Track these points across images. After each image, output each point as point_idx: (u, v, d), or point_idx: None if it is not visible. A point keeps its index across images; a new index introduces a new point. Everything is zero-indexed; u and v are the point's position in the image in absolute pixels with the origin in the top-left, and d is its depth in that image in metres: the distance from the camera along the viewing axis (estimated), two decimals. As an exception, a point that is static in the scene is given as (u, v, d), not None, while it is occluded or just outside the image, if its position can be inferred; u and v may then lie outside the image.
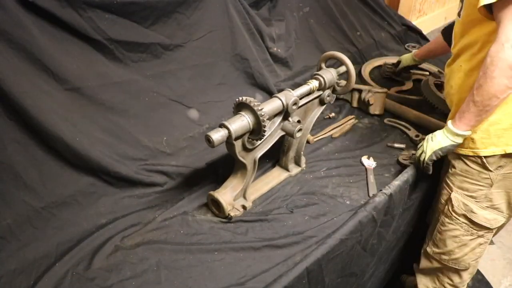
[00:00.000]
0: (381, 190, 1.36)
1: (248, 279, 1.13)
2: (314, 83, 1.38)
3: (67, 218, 1.31)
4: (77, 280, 1.14)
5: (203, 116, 1.67)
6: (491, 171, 1.25)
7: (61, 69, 1.33)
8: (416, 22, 3.07)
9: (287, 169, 1.52)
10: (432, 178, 1.47)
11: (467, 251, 1.37)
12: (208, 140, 1.15)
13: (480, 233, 1.34)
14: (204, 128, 1.66)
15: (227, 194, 1.33)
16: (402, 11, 2.92)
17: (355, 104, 1.90)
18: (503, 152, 1.21)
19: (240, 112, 1.21)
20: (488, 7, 1.06)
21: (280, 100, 1.27)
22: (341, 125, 1.76)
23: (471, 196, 1.31)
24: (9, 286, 1.13)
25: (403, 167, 1.52)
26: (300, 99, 1.33)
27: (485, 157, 1.24)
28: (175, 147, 1.56)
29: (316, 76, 1.39)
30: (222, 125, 1.18)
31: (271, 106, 1.26)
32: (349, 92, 1.92)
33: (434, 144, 1.28)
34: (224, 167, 1.51)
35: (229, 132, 1.17)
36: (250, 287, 1.11)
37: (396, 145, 1.64)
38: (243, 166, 1.32)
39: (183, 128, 1.61)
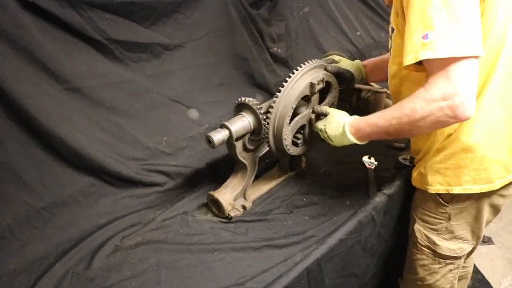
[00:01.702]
0: (381, 190, 1.36)
1: (248, 279, 1.13)
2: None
3: (67, 218, 1.31)
4: (77, 280, 1.14)
5: (203, 116, 1.67)
6: (447, 206, 1.21)
7: (61, 69, 1.33)
8: (416, 22, 3.07)
9: (287, 169, 1.52)
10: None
11: (438, 278, 1.35)
12: (209, 140, 1.15)
13: (448, 261, 1.31)
14: (204, 128, 1.66)
15: (227, 194, 1.33)
16: (402, 11, 2.91)
17: (355, 104, 1.90)
18: (446, 192, 1.18)
19: (241, 113, 1.21)
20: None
21: None
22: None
23: (432, 229, 1.27)
24: (9, 286, 1.13)
25: (403, 167, 1.51)
26: None
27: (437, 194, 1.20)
28: (175, 147, 1.57)
29: None
30: (223, 126, 1.18)
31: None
32: (349, 92, 1.92)
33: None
34: (224, 167, 1.51)
35: (230, 132, 1.17)
36: (250, 287, 1.11)
37: (396, 145, 1.64)
38: (243, 167, 1.32)
39: (183, 128, 1.62)
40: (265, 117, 1.22)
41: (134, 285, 1.13)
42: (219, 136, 1.16)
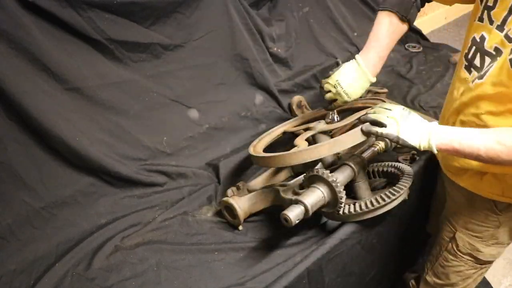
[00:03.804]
0: (381, 190, 1.35)
1: (248, 279, 1.13)
2: (380, 145, 1.28)
3: (67, 218, 1.31)
4: (77, 280, 1.14)
5: (203, 116, 1.67)
6: (500, 214, 1.17)
7: (61, 69, 1.33)
8: (416, 22, 3.06)
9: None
10: (432, 181, 1.47)
11: (470, 282, 1.35)
12: (285, 219, 1.07)
13: (483, 266, 1.31)
14: (204, 128, 1.66)
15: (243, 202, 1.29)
16: (402, 11, 2.91)
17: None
18: (508, 201, 1.13)
19: (314, 185, 1.13)
20: None
21: (352, 168, 1.19)
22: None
23: (477, 236, 1.24)
24: (9, 286, 1.13)
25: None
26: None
27: (496, 201, 1.15)
28: (175, 147, 1.56)
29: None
30: (298, 201, 1.09)
31: (343, 175, 1.17)
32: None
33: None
34: (224, 167, 1.51)
35: (306, 207, 1.09)
36: (250, 287, 1.11)
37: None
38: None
39: (183, 128, 1.61)
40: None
41: (134, 285, 1.13)
42: (295, 212, 1.07)
